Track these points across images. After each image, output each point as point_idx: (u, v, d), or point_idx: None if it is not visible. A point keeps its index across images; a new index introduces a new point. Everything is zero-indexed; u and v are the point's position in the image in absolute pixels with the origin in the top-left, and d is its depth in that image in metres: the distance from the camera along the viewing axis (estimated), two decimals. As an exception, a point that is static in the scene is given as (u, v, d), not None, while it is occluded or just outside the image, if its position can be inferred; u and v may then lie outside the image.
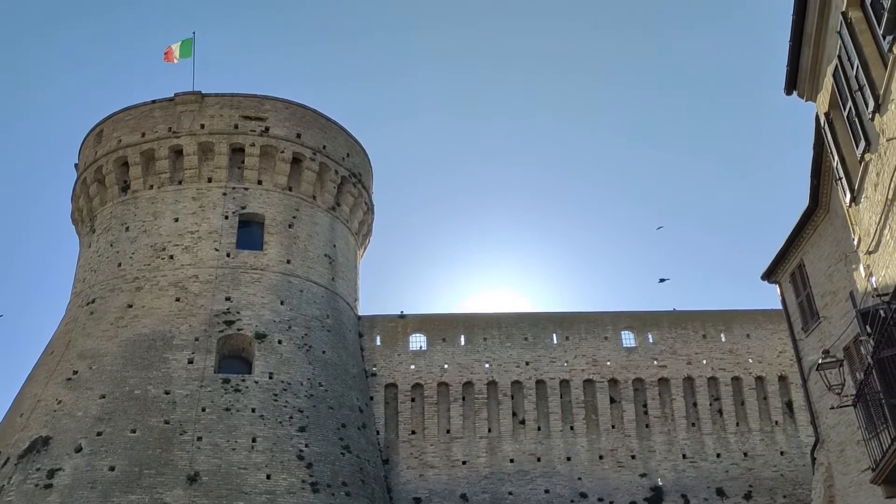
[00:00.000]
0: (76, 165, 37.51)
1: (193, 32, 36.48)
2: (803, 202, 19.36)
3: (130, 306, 30.83)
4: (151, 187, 33.74)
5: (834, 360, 15.49)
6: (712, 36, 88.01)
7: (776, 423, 34.97)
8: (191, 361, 29.01)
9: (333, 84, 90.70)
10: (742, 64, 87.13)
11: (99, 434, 26.97)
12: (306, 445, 28.07)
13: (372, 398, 33.57)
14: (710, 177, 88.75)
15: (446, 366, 34.71)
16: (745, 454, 34.16)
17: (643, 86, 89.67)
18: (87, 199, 35.46)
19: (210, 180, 33.48)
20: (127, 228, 33.07)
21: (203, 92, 34.73)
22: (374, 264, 64.28)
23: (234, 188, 33.46)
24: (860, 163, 12.63)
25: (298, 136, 34.82)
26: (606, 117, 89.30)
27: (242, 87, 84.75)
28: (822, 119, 14.43)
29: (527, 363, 35.00)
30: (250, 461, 26.84)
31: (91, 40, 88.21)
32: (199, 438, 26.94)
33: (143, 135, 34.18)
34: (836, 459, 19.65)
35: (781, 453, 34.28)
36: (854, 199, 13.65)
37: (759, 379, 35.68)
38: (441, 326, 35.67)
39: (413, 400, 34.14)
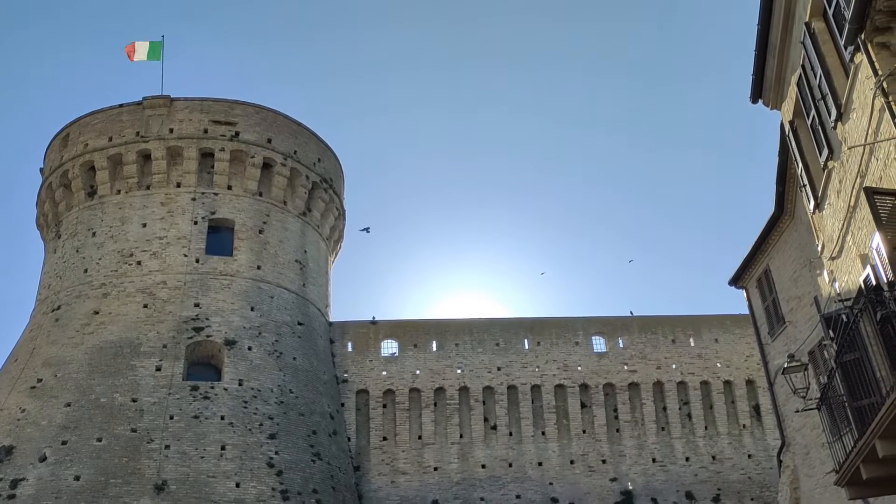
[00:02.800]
0: (41, 170, 36.88)
1: (162, 36, 36.19)
2: (770, 208, 19.68)
3: (97, 313, 30.35)
4: (119, 192, 33.28)
5: (799, 364, 15.74)
6: (683, 46, 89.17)
7: (744, 426, 35.42)
8: (158, 369, 28.62)
9: (302, 87, 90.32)
10: (715, 70, 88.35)
11: (64, 443, 26.48)
12: (276, 453, 27.83)
13: (343, 404, 33.39)
14: (680, 182, 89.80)
15: (418, 371, 34.67)
16: (714, 457, 34.54)
17: (617, 87, 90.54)
18: (53, 203, 34.88)
19: (179, 185, 33.11)
20: (94, 234, 32.58)
21: (172, 96, 34.38)
22: (345, 270, 64.03)
23: (203, 193, 33.11)
24: (823, 170, 12.88)
25: (269, 141, 34.60)
26: (578, 121, 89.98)
27: (212, 91, 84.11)
28: (787, 127, 14.70)
29: (498, 368, 35.08)
30: (219, 469, 26.53)
31: (56, 41, 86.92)
32: (167, 447, 26.58)
33: (111, 139, 33.72)
34: (802, 462, 19.96)
35: (749, 456, 34.72)
36: (818, 206, 13.92)
37: (727, 383, 36.12)
38: (413, 332, 35.62)
39: (384, 406, 34.02)
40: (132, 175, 33.07)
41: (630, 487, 33.26)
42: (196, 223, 32.37)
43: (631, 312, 37.57)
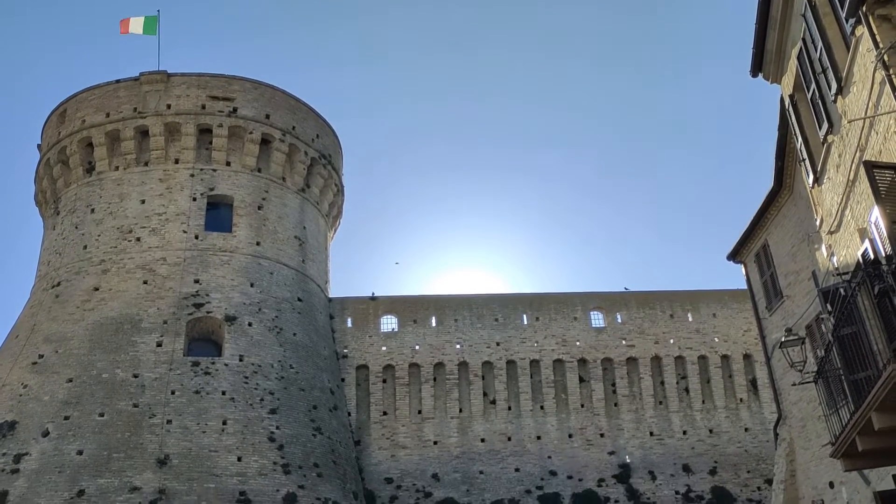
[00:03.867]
0: (39, 146, 36.75)
1: (158, 10, 35.85)
2: (769, 183, 19.69)
3: (97, 289, 30.42)
4: (117, 168, 33.20)
5: (796, 338, 15.81)
6: (683, 17, 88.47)
7: (741, 400, 35.69)
8: (159, 344, 28.75)
9: (302, 64, 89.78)
10: (714, 45, 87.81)
11: (66, 418, 26.68)
12: (277, 427, 28.06)
13: (343, 380, 33.61)
14: (679, 158, 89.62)
15: (417, 347, 34.84)
16: (711, 431, 34.85)
17: (614, 65, 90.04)
18: (51, 180, 34.80)
19: (177, 161, 33.02)
20: (92, 210, 32.54)
21: (169, 71, 34.16)
22: (344, 246, 64.03)
23: (201, 169, 33.04)
24: (823, 144, 12.87)
25: (267, 116, 34.45)
26: (575, 96, 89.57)
27: (209, 67, 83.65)
28: (787, 101, 14.65)
29: (497, 344, 35.25)
30: (221, 444, 26.76)
31: (51, 16, 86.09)
32: (169, 422, 26.78)
33: (108, 115, 33.56)
34: (798, 435, 20.14)
35: (745, 430, 35.04)
36: (817, 181, 13.92)
37: (725, 357, 36.34)
38: (412, 308, 35.75)
39: (384, 381, 34.24)
40: (130, 151, 32.97)
41: (628, 460, 33.59)
42: (195, 199, 32.33)
43: (626, 288, 37.72)
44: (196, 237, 31.65)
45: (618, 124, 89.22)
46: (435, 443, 33.21)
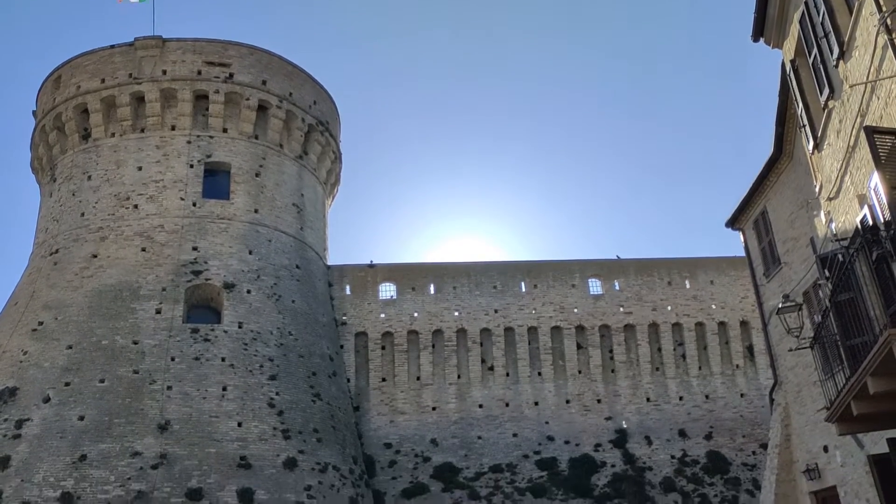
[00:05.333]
0: (34, 112, 36.47)
1: (152, -26, 35.35)
2: (768, 151, 19.62)
3: (95, 256, 30.42)
4: (113, 135, 32.98)
5: (793, 304, 15.90)
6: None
7: (737, 366, 35.96)
8: (158, 311, 28.83)
9: (298, 30, 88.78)
10: (715, 9, 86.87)
11: (67, 384, 26.85)
12: (277, 393, 28.27)
13: (342, 346, 33.79)
14: (679, 124, 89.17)
15: (416, 314, 34.97)
16: (707, 397, 35.18)
17: (609, 34, 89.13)
18: (47, 147, 34.59)
19: (174, 128, 32.79)
20: (89, 177, 32.40)
21: (164, 37, 33.76)
22: (342, 214, 63.95)
23: (198, 136, 32.83)
24: (824, 110, 12.79)
25: (264, 82, 34.15)
26: (573, 65, 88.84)
27: (204, 32, 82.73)
28: (788, 66, 14.54)
29: (496, 311, 35.39)
30: (221, 409, 26.98)
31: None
32: (169, 388, 26.97)
33: (103, 81, 33.24)
34: (794, 400, 20.33)
35: (741, 395, 35.37)
36: (817, 147, 13.86)
37: (722, 324, 36.53)
38: (411, 275, 35.82)
39: (383, 348, 34.43)
40: (126, 118, 32.73)
41: (624, 426, 33.95)
42: (192, 166, 32.18)
43: (617, 256, 37.72)
44: (194, 204, 31.57)
45: (616, 92, 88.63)
46: (433, 408, 33.51)
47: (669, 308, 36.39)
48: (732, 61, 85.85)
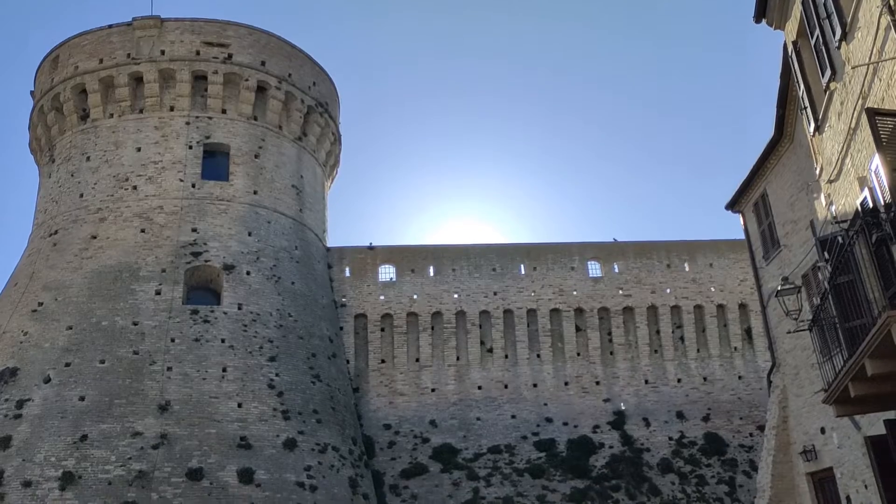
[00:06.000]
0: (32, 93, 36.29)
1: (150, -47, 35.04)
2: (769, 133, 19.56)
3: (94, 237, 30.39)
4: (112, 116, 32.84)
5: (792, 286, 15.93)
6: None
7: (735, 349, 36.08)
8: (158, 293, 28.86)
9: (297, 10, 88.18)
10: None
11: (67, 365, 26.93)
12: (277, 375, 28.36)
13: (342, 328, 33.87)
14: (678, 108, 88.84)
15: (415, 296, 35.02)
16: (705, 379, 35.32)
17: (613, 18, 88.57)
18: (45, 127, 34.46)
19: (172, 109, 32.65)
20: (88, 158, 32.31)
21: (162, 17, 33.53)
22: (342, 196, 63.88)
23: (197, 117, 32.70)
24: (825, 92, 12.73)
25: (263, 63, 33.97)
26: (574, 48, 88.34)
27: (202, 12, 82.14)
28: (790, 47, 14.46)
29: (495, 293, 35.43)
30: (221, 390, 27.08)
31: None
32: (169, 369, 27.05)
33: (101, 61, 33.05)
34: (791, 382, 20.42)
35: (739, 377, 35.51)
36: (818, 129, 13.82)
37: (721, 307, 36.60)
38: (410, 258, 35.83)
39: (383, 330, 34.51)
40: (125, 98, 32.58)
41: (622, 408, 34.11)
42: (191, 147, 32.08)
43: (614, 239, 37.71)
44: (193, 186, 31.51)
45: (617, 74, 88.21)
46: (433, 390, 33.65)
47: (668, 291, 36.45)
48: (734, 42, 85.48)
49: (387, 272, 35.51)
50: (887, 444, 10.55)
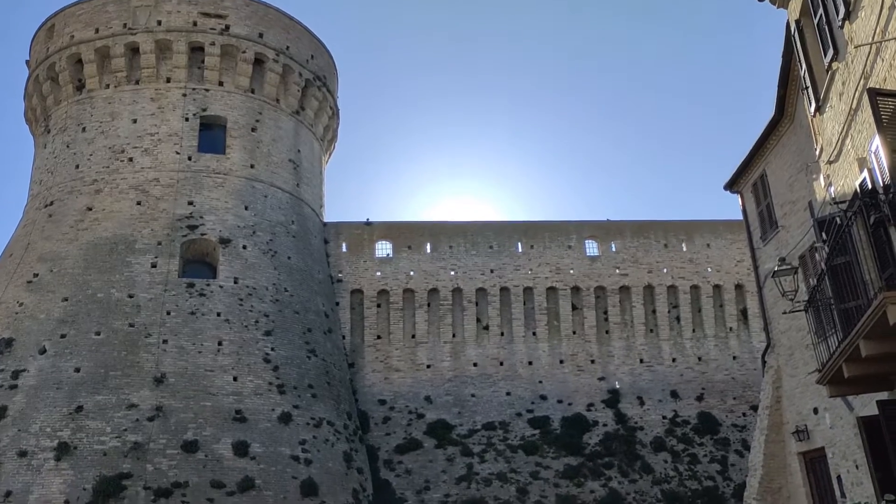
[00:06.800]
0: (27, 62, 35.94)
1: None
2: (769, 114, 19.44)
3: (90, 209, 30.26)
4: (108, 87, 32.55)
5: (789, 267, 15.91)
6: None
7: (730, 329, 36.18)
8: (154, 265, 28.80)
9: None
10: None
11: (63, 336, 26.93)
12: (272, 349, 28.40)
13: (337, 303, 33.87)
14: (677, 87, 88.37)
15: (412, 273, 35.00)
16: (700, 359, 35.45)
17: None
18: (41, 98, 34.16)
19: (169, 80, 32.37)
20: (83, 129, 32.07)
21: (159, -14, 33.10)
22: (339, 171, 63.62)
23: (194, 89, 32.42)
24: (827, 72, 12.61)
25: (261, 35, 33.63)
26: (574, 25, 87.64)
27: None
28: (793, 26, 14.30)
29: (491, 271, 35.43)
30: (217, 364, 27.12)
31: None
32: (165, 341, 27.07)
33: (97, 31, 32.69)
34: (785, 363, 20.48)
35: (734, 358, 35.65)
36: (819, 109, 13.71)
37: (717, 287, 36.65)
38: (407, 234, 35.76)
39: (379, 306, 34.52)
40: (121, 69, 32.27)
41: (617, 386, 34.26)
42: (187, 120, 31.84)
43: (607, 220, 37.61)
44: (189, 158, 31.33)
45: (614, 52, 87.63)
46: (428, 366, 33.75)
47: (665, 270, 36.46)
48: (736, 21, 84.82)
49: (384, 248, 35.46)
50: (879, 424, 10.60)
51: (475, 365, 33.99)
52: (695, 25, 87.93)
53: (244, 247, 30.31)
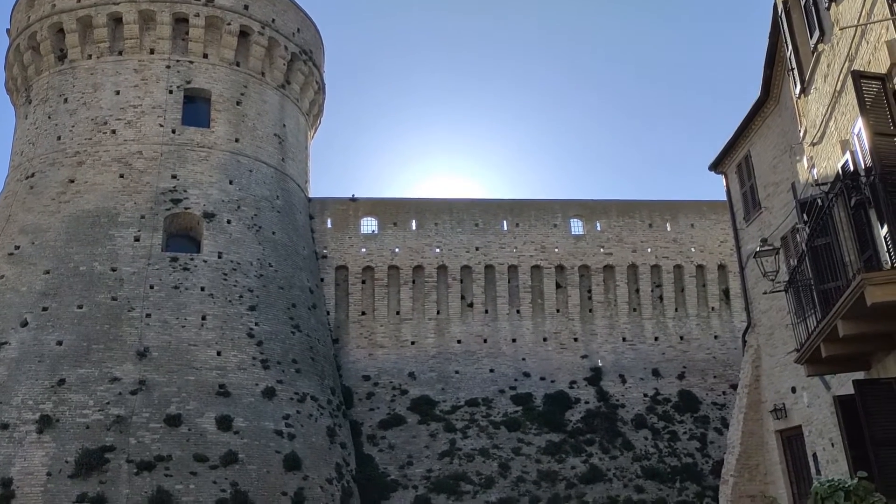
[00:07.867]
0: (8, 31, 35.32)
1: None
2: (754, 96, 19.49)
3: (72, 181, 29.95)
4: (90, 57, 32.08)
5: (771, 248, 16.07)
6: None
7: (712, 308, 36.51)
8: (137, 239, 28.61)
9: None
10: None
11: (45, 309, 26.76)
12: (256, 324, 28.37)
13: (322, 279, 33.84)
14: (663, 69, 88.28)
15: (397, 249, 34.98)
16: (682, 338, 35.79)
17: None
18: (22, 67, 33.62)
19: (152, 52, 31.94)
20: (65, 100, 31.63)
21: (143, -45, 32.52)
22: (325, 146, 63.26)
23: (178, 61, 32.02)
24: (813, 53, 12.66)
25: (246, 7, 33.19)
26: (561, 5, 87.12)
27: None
28: (780, 7, 14.32)
29: (477, 248, 35.47)
30: (200, 338, 27.07)
31: None
32: (148, 315, 26.96)
33: (79, 0, 32.14)
34: (765, 342, 20.72)
35: (715, 337, 36.02)
36: (804, 91, 13.77)
37: (700, 267, 36.91)
38: (392, 210, 35.69)
39: (363, 282, 34.52)
40: (103, 39, 31.79)
41: (600, 364, 34.55)
42: (171, 92, 31.47)
43: (593, 199, 37.58)
44: (173, 131, 31.01)
45: (600, 31, 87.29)
46: (412, 343, 33.85)
47: (649, 250, 36.65)
48: (722, 1, 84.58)
49: (369, 224, 35.38)
50: (855, 403, 10.79)
51: (459, 342, 34.13)
52: (681, 4, 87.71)
53: (228, 221, 30.15)
